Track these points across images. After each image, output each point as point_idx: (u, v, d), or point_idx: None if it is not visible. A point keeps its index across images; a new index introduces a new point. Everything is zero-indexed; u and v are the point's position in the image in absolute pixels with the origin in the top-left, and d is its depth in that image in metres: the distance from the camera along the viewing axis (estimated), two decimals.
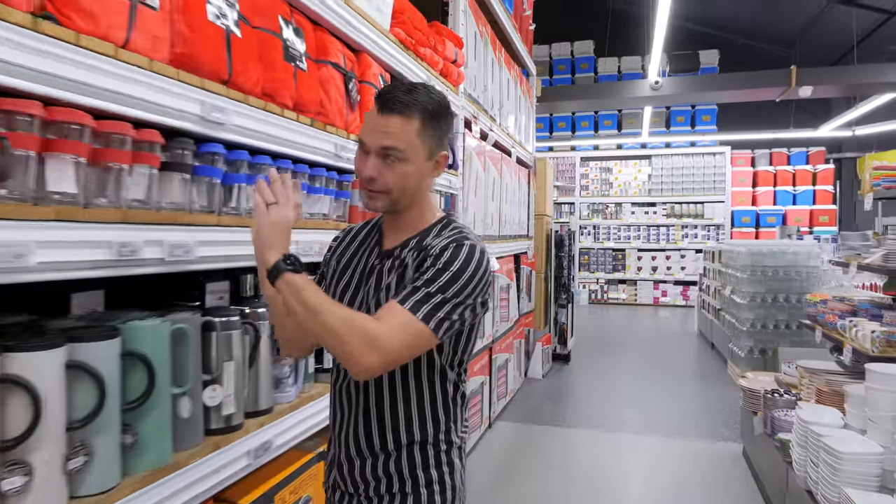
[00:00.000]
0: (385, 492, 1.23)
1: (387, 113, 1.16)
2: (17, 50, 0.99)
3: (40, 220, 1.03)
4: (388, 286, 1.22)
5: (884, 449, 2.08)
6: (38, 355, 1.05)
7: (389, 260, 1.25)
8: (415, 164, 1.18)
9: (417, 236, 1.26)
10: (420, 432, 1.23)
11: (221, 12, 1.48)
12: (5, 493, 1.02)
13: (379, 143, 1.16)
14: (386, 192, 1.19)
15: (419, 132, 1.17)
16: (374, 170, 1.17)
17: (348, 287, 1.28)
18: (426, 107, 1.17)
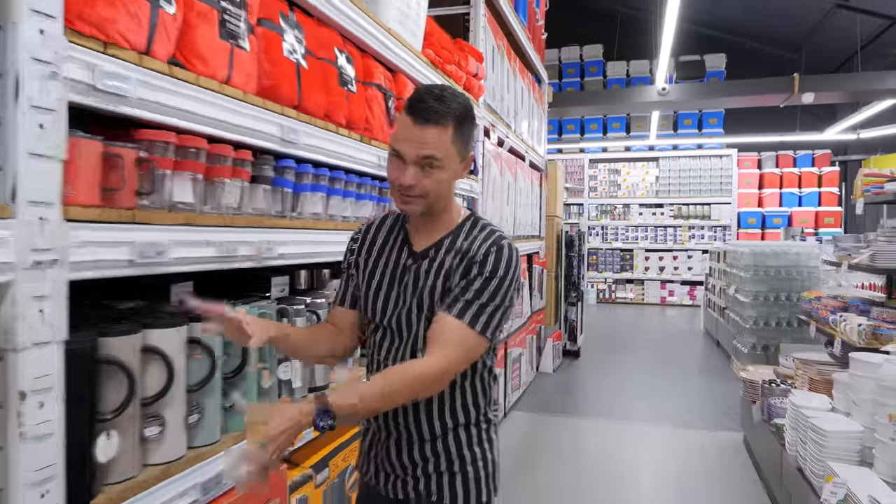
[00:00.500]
0: (433, 471, 1.34)
1: (422, 123, 1.21)
2: (156, 91, 1.26)
3: (174, 224, 1.31)
4: (432, 288, 1.30)
5: (864, 428, 2.34)
6: (169, 331, 1.33)
7: (425, 261, 1.33)
8: (450, 169, 1.27)
9: (449, 236, 1.34)
10: (464, 415, 1.34)
11: (293, 48, 1.75)
12: (147, 438, 1.30)
13: (417, 153, 1.22)
14: (423, 197, 1.26)
15: (453, 139, 1.24)
16: (411, 178, 1.23)
17: (381, 287, 1.36)
18: (457, 113, 1.24)
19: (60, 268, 1.05)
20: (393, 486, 1.38)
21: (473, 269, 1.27)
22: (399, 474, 1.37)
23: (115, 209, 1.17)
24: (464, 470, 1.34)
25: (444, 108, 1.22)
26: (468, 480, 1.34)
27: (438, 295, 1.29)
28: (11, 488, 1.00)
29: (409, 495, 1.36)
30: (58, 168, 1.05)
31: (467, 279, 1.26)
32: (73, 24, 1.07)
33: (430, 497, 1.34)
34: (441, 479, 1.34)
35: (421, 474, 1.35)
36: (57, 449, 1.06)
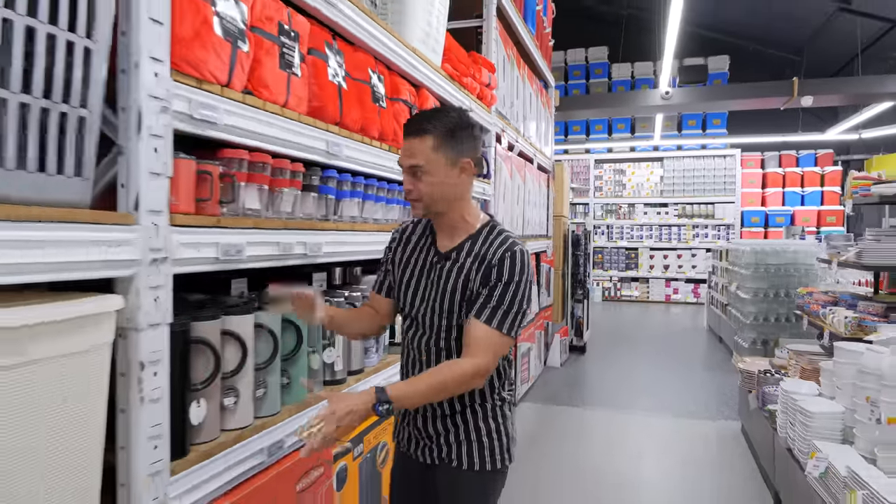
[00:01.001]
0: (454, 440, 1.56)
1: (406, 138, 1.47)
2: (234, 116, 1.51)
3: (247, 227, 1.55)
4: (453, 288, 1.50)
5: (845, 409, 2.57)
6: (244, 317, 1.57)
7: (448, 262, 1.53)
8: (436, 174, 1.45)
9: (469, 240, 1.53)
10: (479, 394, 1.56)
11: (336, 72, 2.00)
12: (225, 407, 1.55)
13: (405, 163, 1.47)
14: (419, 200, 1.48)
15: (435, 147, 1.43)
16: (408, 184, 1.48)
17: (412, 278, 1.59)
18: (441, 125, 1.44)
19: (168, 264, 1.30)
20: (422, 452, 1.61)
21: (492, 275, 1.46)
22: (426, 442, 1.60)
23: (205, 216, 1.42)
24: (479, 440, 1.56)
25: (425, 122, 1.45)
26: (483, 449, 1.56)
27: (459, 294, 1.50)
28: (133, 443, 1.25)
29: (434, 461, 1.59)
30: (166, 183, 1.29)
31: (489, 287, 1.46)
32: (177, 66, 1.32)
33: (451, 462, 1.56)
34: (460, 448, 1.56)
35: (444, 443, 1.57)
36: (165, 410, 1.31)
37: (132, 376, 1.24)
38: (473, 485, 1.56)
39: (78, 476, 1.06)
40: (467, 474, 1.55)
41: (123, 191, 1.24)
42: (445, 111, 1.50)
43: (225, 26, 1.45)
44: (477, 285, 1.48)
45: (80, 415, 1.06)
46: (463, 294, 1.50)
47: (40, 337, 0.95)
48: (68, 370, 1.02)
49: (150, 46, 1.24)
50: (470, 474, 1.55)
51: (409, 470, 1.68)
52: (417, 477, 1.65)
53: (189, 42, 1.34)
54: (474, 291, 1.49)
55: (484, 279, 1.47)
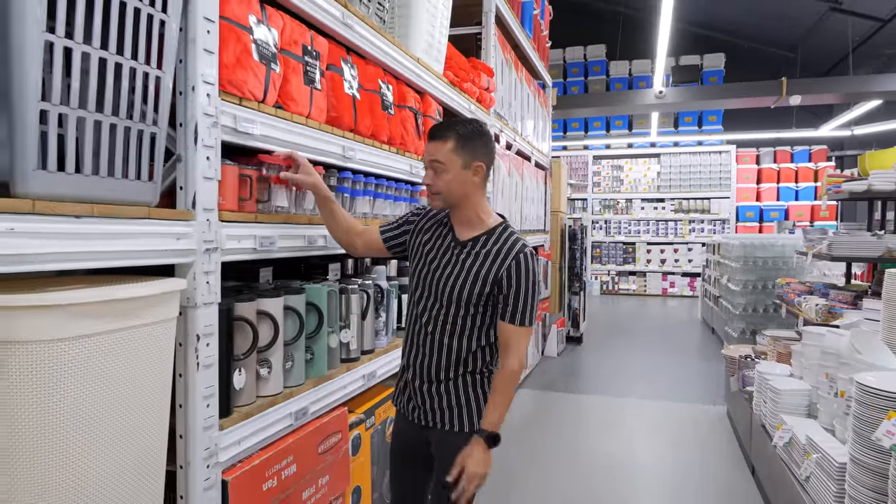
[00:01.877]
0: (445, 405, 1.83)
1: (431, 140, 1.77)
2: (268, 128, 1.77)
3: (279, 222, 1.81)
4: (467, 275, 1.77)
5: (811, 387, 2.83)
6: (274, 300, 1.83)
7: (465, 250, 1.81)
8: (452, 171, 1.74)
9: (485, 235, 1.81)
10: (472, 364, 1.83)
11: (351, 85, 2.25)
12: (261, 376, 1.81)
13: (428, 159, 1.77)
14: (438, 193, 1.77)
15: (453, 149, 1.73)
16: (429, 178, 1.78)
17: (431, 260, 1.84)
18: (458, 132, 1.74)
19: (218, 253, 1.56)
20: (418, 415, 1.89)
21: (512, 280, 1.75)
22: (421, 406, 1.87)
23: (245, 212, 1.68)
24: (468, 405, 1.83)
25: (446, 128, 1.76)
26: (472, 412, 1.83)
27: (471, 282, 1.76)
28: (190, 402, 1.51)
29: (428, 423, 1.87)
30: (216, 186, 1.55)
31: (511, 290, 1.75)
32: (223, 87, 1.58)
33: (443, 425, 1.84)
34: (451, 412, 1.83)
35: (437, 407, 1.84)
36: (215, 375, 1.57)
37: (190, 346, 1.50)
38: (461, 444, 1.78)
39: (157, 421, 1.32)
40: (457, 435, 1.81)
41: (182, 192, 1.50)
42: (466, 122, 1.80)
43: (261, 51, 1.71)
44: (492, 282, 1.76)
45: (163, 372, 1.32)
46: (474, 282, 1.77)
47: (147, 307, 1.22)
48: (159, 334, 1.29)
49: (203, 72, 1.49)
50: (459, 434, 1.81)
51: (406, 431, 1.96)
52: (414, 437, 1.92)
53: (233, 67, 1.60)
54: (489, 285, 1.76)
55: (503, 281, 1.75)
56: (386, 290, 2.57)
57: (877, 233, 3.35)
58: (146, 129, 1.35)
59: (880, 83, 8.25)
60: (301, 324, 1.93)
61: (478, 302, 1.78)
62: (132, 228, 1.31)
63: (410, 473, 1.99)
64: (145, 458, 1.29)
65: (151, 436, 1.30)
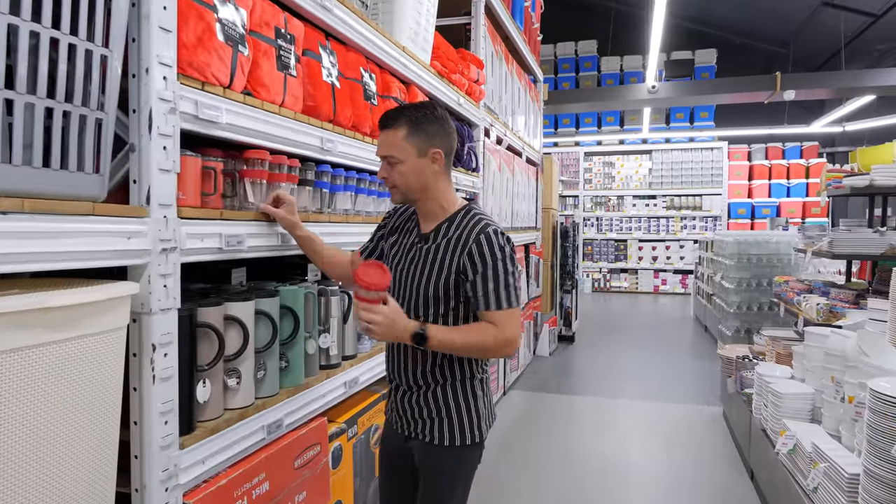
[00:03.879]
0: (427, 416, 1.67)
1: (382, 129, 1.62)
2: (236, 116, 1.62)
3: (248, 220, 1.66)
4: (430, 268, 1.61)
5: (814, 390, 2.71)
6: (244, 304, 1.68)
7: (427, 243, 1.65)
8: (407, 162, 1.59)
9: (445, 223, 1.65)
10: (450, 373, 1.65)
11: (329, 72, 2.10)
12: (229, 387, 1.66)
13: (381, 153, 1.63)
14: (395, 187, 1.63)
15: (405, 137, 1.57)
16: (384, 172, 1.64)
17: (396, 256, 1.72)
18: (409, 117, 1.58)
19: (177, 253, 1.41)
20: (403, 427, 1.74)
21: (476, 264, 1.56)
22: (405, 417, 1.72)
23: (209, 209, 1.53)
24: (450, 416, 1.66)
25: (396, 115, 1.60)
26: (453, 424, 1.65)
27: (436, 274, 1.60)
28: (146, 419, 1.36)
29: (411, 434, 1.72)
30: (174, 179, 1.40)
31: (478, 276, 1.56)
32: (183, 70, 1.42)
33: (424, 438, 1.68)
34: (433, 424, 1.66)
35: (418, 418, 1.69)
36: (174, 388, 1.42)
37: (145, 357, 1.35)
38: (444, 459, 1.66)
39: (100, 445, 1.17)
40: (438, 449, 1.66)
41: (135, 186, 1.35)
42: (416, 106, 1.64)
43: (227, 32, 1.55)
44: (456, 270, 1.59)
45: (104, 389, 1.17)
46: (438, 274, 1.61)
47: (77, 317, 1.06)
48: (104, 346, 1.13)
49: (159, 52, 1.34)
50: (441, 448, 1.66)
51: (392, 437, 1.82)
52: (399, 447, 1.78)
53: (194, 48, 1.45)
54: (453, 275, 1.59)
55: (467, 267, 1.57)
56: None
57: (879, 229, 3.25)
58: (90, 115, 1.20)
59: (874, 78, 8.18)
60: (274, 329, 1.79)
61: (445, 296, 1.61)
62: (72, 226, 1.15)
63: (397, 481, 1.84)
64: (87, 483, 1.14)
65: (94, 459, 1.15)
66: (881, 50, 10.55)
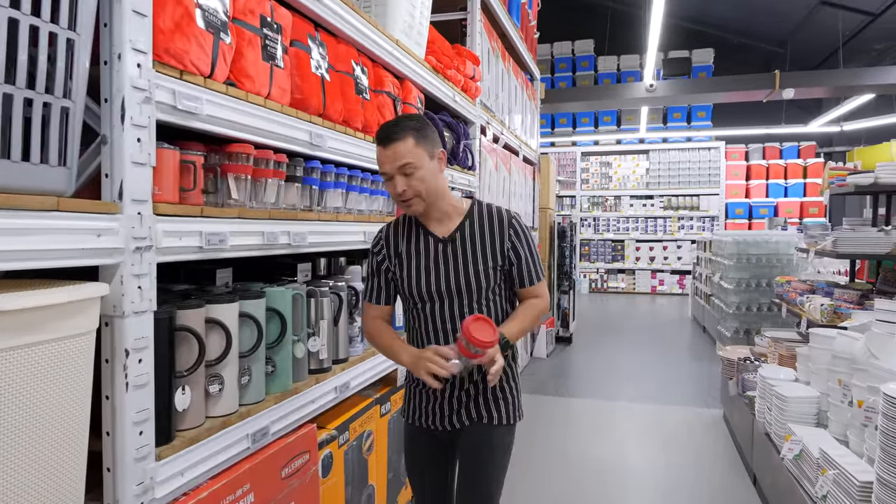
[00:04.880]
0: (483, 402, 1.76)
1: (388, 144, 1.63)
2: (217, 107, 1.53)
3: (230, 217, 1.58)
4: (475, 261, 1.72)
5: (820, 394, 2.64)
6: (227, 306, 1.60)
7: (454, 243, 1.73)
8: (424, 166, 1.65)
9: (467, 220, 1.75)
10: None
11: (319, 64, 2.02)
12: (210, 394, 1.57)
13: (395, 165, 1.63)
14: (418, 196, 1.66)
15: (415, 144, 1.62)
16: (402, 185, 1.64)
17: (420, 271, 1.74)
18: (411, 127, 1.64)
19: (153, 252, 1.32)
20: (449, 420, 1.79)
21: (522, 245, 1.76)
22: (455, 409, 1.78)
23: (188, 205, 1.45)
24: (505, 398, 1.80)
25: (398, 128, 1.63)
26: (509, 406, 1.80)
27: (482, 264, 1.72)
28: (118, 429, 1.27)
29: (464, 423, 1.78)
30: (150, 173, 1.31)
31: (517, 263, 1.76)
32: (159, 57, 1.34)
33: (482, 420, 1.76)
34: (489, 406, 1.77)
35: (473, 407, 1.77)
36: (150, 396, 1.33)
37: (117, 363, 1.27)
38: (504, 438, 1.79)
39: (64, 459, 1.09)
40: (498, 429, 1.77)
41: (107, 180, 1.26)
42: (408, 117, 1.71)
43: (207, 18, 1.47)
44: (502, 255, 1.74)
45: (68, 398, 1.08)
46: (485, 262, 1.72)
47: (36, 321, 0.97)
48: (69, 352, 1.05)
49: (132, 38, 1.25)
50: (500, 429, 1.78)
51: (432, 443, 1.85)
52: (443, 447, 1.85)
53: (171, 33, 1.36)
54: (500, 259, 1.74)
55: (511, 252, 1.75)
56: (361, 292, 2.34)
57: (883, 228, 3.18)
58: (55, 103, 1.11)
59: (873, 76, 8.13)
60: (260, 333, 1.70)
61: (496, 277, 1.75)
62: (34, 223, 1.07)
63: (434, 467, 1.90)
64: (50, 499, 1.05)
65: (58, 474, 1.07)
66: (879, 49, 10.50)
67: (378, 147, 1.66)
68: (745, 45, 11.94)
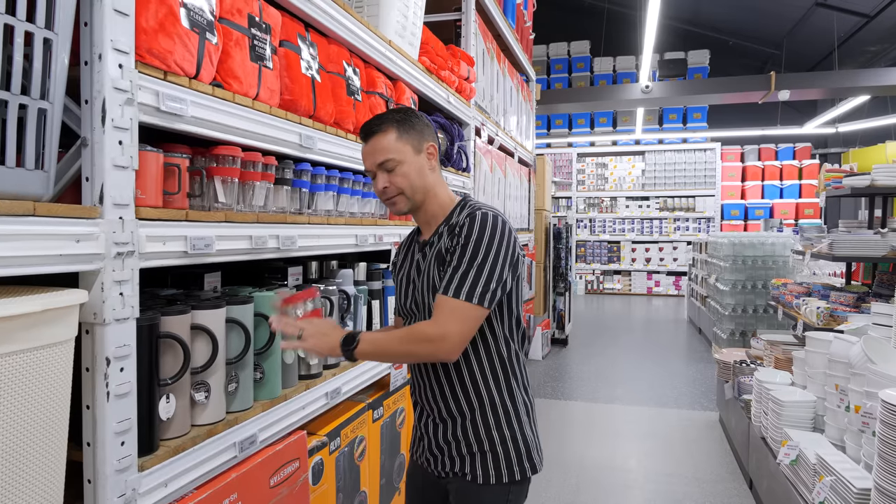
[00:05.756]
0: (466, 451, 1.51)
1: (368, 139, 1.52)
2: (203, 109, 1.49)
3: (217, 221, 1.54)
4: (429, 273, 1.50)
5: (816, 398, 2.62)
6: (213, 312, 1.56)
7: (428, 248, 1.56)
8: (407, 161, 1.50)
9: (444, 222, 1.56)
10: (487, 396, 1.50)
11: (309, 65, 1.99)
12: (196, 402, 1.54)
13: (375, 161, 1.51)
14: (401, 193, 1.51)
15: (398, 137, 1.50)
16: (383, 182, 1.51)
17: (406, 276, 1.62)
18: (393, 119, 1.51)
19: (135, 258, 1.29)
20: (436, 465, 1.61)
21: (452, 240, 1.44)
22: (439, 455, 1.59)
23: (172, 209, 1.41)
24: (493, 450, 1.49)
25: (378, 121, 1.51)
26: (498, 459, 1.49)
27: (435, 272, 1.49)
28: (99, 440, 1.24)
29: (448, 473, 1.58)
30: (132, 176, 1.28)
31: (449, 252, 1.44)
32: (142, 57, 1.30)
33: (464, 476, 1.52)
34: (473, 460, 1.51)
35: (456, 454, 1.54)
36: (132, 406, 1.29)
37: (98, 372, 1.23)
38: (486, 499, 1.50)
39: (41, 472, 1.05)
40: (480, 488, 1.50)
41: (88, 184, 1.22)
42: (394, 110, 1.58)
43: (192, 17, 1.43)
44: (444, 257, 1.47)
45: (45, 410, 1.04)
46: (437, 270, 1.48)
47: (8, 331, 0.94)
48: (34, 364, 1.01)
49: (114, 38, 1.22)
50: (483, 488, 1.49)
51: (422, 483, 1.71)
52: (431, 485, 1.67)
53: (154, 33, 1.32)
54: (444, 266, 1.46)
55: (447, 249, 1.46)
56: (353, 295, 2.31)
57: (880, 231, 3.16)
58: (32, 105, 1.08)
59: (869, 78, 8.14)
60: (248, 339, 1.67)
61: None
62: (8, 228, 1.03)
63: None
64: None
65: (34, 488, 1.03)
66: (873, 51, 10.52)
67: (361, 143, 1.57)
68: (741, 46, 11.96)
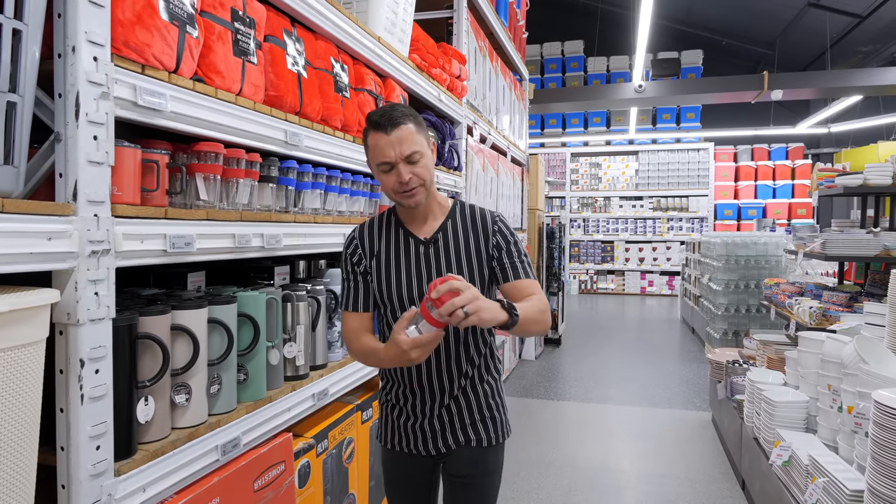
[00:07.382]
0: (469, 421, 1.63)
1: (392, 129, 1.46)
2: (184, 104, 1.46)
3: (198, 219, 1.50)
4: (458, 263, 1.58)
5: (809, 398, 2.60)
6: (194, 312, 1.53)
7: (437, 244, 1.59)
8: (427, 154, 1.54)
9: (449, 219, 1.62)
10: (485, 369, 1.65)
11: (295, 61, 1.95)
12: (177, 404, 1.50)
13: (402, 153, 1.47)
14: (422, 185, 1.52)
15: (417, 131, 1.51)
16: (407, 174, 1.48)
17: (400, 276, 1.59)
18: (407, 112, 1.52)
19: (111, 256, 1.25)
20: (434, 443, 1.65)
21: (502, 242, 1.61)
22: (438, 430, 1.64)
23: (151, 206, 1.37)
24: (492, 416, 1.67)
25: (398, 113, 1.50)
26: (497, 424, 1.67)
27: (466, 264, 1.59)
28: (73, 444, 1.20)
29: (450, 446, 1.64)
30: (108, 172, 1.24)
31: (507, 253, 1.60)
32: (118, 50, 1.26)
33: (469, 442, 1.64)
34: (476, 426, 1.64)
35: (458, 426, 1.64)
36: (108, 409, 1.26)
37: (72, 374, 1.19)
38: (496, 459, 1.66)
39: (10, 477, 1.01)
40: (488, 451, 1.65)
41: (61, 180, 1.19)
42: (397, 104, 1.58)
43: (171, 10, 1.40)
44: (487, 256, 1.60)
45: (14, 413, 1.01)
46: (469, 264, 1.59)
47: None
48: (2, 366, 0.97)
49: (88, 29, 1.18)
50: (491, 450, 1.65)
51: (413, 469, 1.72)
52: (426, 471, 1.72)
53: (131, 25, 1.29)
54: (485, 260, 1.60)
55: (495, 250, 1.60)
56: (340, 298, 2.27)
57: (872, 230, 3.15)
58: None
59: (861, 78, 8.15)
60: (230, 339, 1.63)
61: (480, 286, 1.59)
62: None
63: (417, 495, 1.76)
64: None
65: (3, 493, 0.99)
66: (865, 52, 10.55)
67: (376, 133, 1.48)
68: (734, 46, 11.98)
